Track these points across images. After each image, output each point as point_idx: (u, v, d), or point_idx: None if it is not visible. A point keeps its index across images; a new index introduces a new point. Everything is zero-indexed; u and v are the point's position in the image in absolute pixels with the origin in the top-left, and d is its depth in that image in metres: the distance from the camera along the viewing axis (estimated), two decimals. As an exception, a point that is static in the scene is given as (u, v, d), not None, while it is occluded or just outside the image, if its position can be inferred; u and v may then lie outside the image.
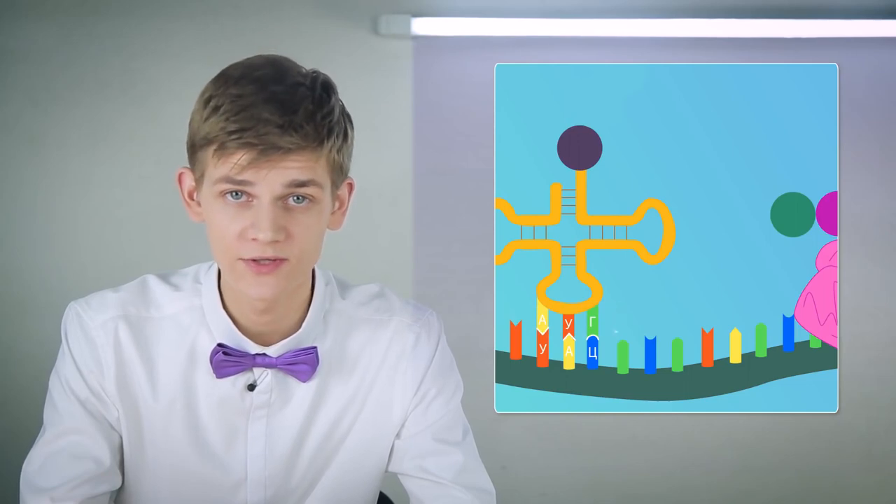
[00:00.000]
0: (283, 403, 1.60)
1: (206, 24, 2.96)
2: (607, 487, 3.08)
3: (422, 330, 1.66)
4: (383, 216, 2.99)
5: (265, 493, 1.62)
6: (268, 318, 1.57)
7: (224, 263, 1.52)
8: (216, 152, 1.47)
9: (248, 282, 1.50)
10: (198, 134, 1.49)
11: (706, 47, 2.95)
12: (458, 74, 2.98)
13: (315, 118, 1.47)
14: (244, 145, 1.45)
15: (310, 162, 1.48)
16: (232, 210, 1.48)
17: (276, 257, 1.48)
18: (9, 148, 2.97)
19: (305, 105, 1.47)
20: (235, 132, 1.45)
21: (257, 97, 1.46)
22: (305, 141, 1.46)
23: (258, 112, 1.45)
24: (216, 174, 1.47)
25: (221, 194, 1.48)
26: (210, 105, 1.48)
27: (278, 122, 1.45)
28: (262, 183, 1.46)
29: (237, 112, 1.46)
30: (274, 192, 1.47)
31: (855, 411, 3.01)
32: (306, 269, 1.54)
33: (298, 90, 1.48)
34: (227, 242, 1.49)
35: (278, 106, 1.46)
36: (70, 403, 1.58)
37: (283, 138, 1.45)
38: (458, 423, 1.68)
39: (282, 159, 1.46)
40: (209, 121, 1.47)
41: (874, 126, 3.01)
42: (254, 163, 1.45)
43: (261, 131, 1.44)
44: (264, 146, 1.45)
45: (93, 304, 1.60)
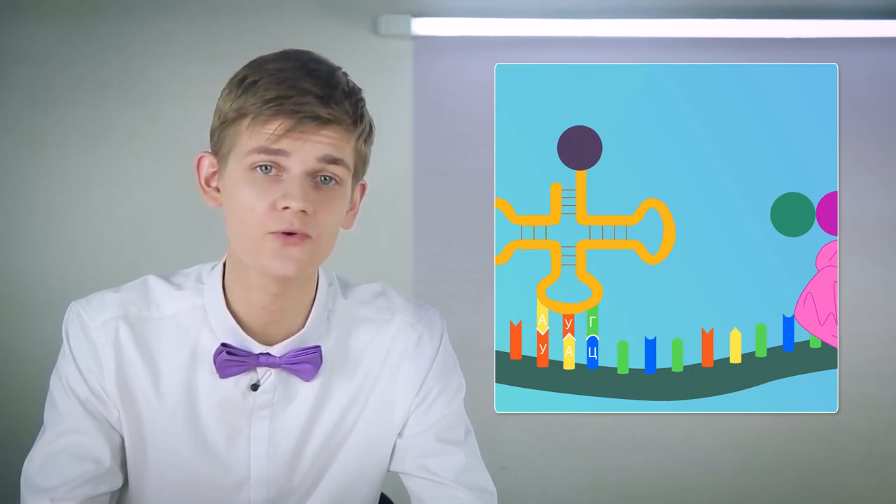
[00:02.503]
0: (287, 403, 1.60)
1: (206, 24, 2.96)
2: (607, 487, 3.08)
3: (424, 329, 1.66)
4: (383, 216, 2.99)
5: (268, 493, 1.62)
6: (278, 307, 1.57)
7: (249, 240, 1.51)
8: (251, 123, 1.48)
9: (274, 256, 1.50)
10: (230, 110, 1.50)
11: (706, 47, 2.95)
12: (458, 74, 2.98)
13: (351, 97, 1.51)
14: (282, 112, 1.47)
15: (342, 140, 1.50)
16: (261, 184, 1.49)
17: (302, 231, 1.49)
18: (9, 148, 2.97)
19: (342, 86, 1.51)
20: (274, 100, 1.47)
21: (298, 72, 1.49)
22: (342, 116, 1.49)
23: (299, 82, 1.48)
24: (250, 145, 1.49)
25: (251, 167, 1.49)
26: (246, 82, 1.50)
27: (319, 92, 1.48)
28: (296, 154, 1.48)
29: (277, 83, 1.48)
30: (306, 165, 1.49)
31: (855, 411, 3.01)
32: (324, 255, 1.54)
33: (336, 72, 1.52)
34: (256, 216, 1.49)
35: (318, 80, 1.49)
36: (70, 403, 1.58)
37: (323, 109, 1.47)
38: (461, 422, 1.68)
39: (317, 131, 1.48)
40: (244, 96, 1.49)
41: (874, 126, 3.01)
42: (291, 132, 1.47)
43: (301, 100, 1.47)
44: (303, 114, 1.47)
45: (93, 305, 1.60)
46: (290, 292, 1.56)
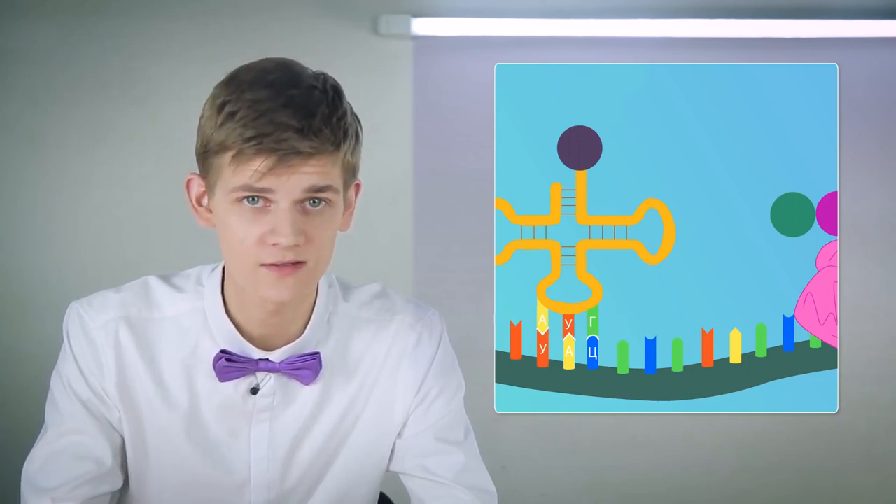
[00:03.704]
0: (286, 406, 1.60)
1: (206, 24, 2.96)
2: (607, 487, 3.08)
3: (424, 329, 1.66)
4: (383, 216, 2.99)
5: (268, 495, 1.62)
6: (276, 321, 1.57)
7: (242, 269, 1.50)
8: (234, 159, 1.45)
9: (269, 285, 1.49)
10: (211, 140, 1.47)
11: (706, 47, 2.95)
12: (458, 74, 2.98)
13: (331, 121, 1.46)
14: (263, 151, 1.43)
15: (327, 167, 1.46)
16: (249, 215, 1.47)
17: (296, 260, 1.47)
18: (9, 148, 2.96)
19: (322, 109, 1.45)
20: (254, 138, 1.43)
21: (275, 102, 1.44)
22: (324, 145, 1.45)
23: (276, 116, 1.43)
24: (234, 182, 1.46)
25: (238, 200, 1.47)
26: (225, 111, 1.46)
27: (297, 126, 1.43)
28: (281, 189, 1.45)
29: (255, 118, 1.43)
30: (293, 197, 1.46)
31: (855, 411, 3.01)
32: (323, 271, 1.53)
33: (314, 94, 1.46)
34: (246, 247, 1.47)
35: (296, 110, 1.44)
36: (71, 404, 1.58)
37: (303, 143, 1.44)
38: (460, 422, 1.68)
39: (301, 164, 1.45)
40: (224, 127, 1.45)
41: (874, 126, 3.01)
42: (273, 169, 1.44)
43: (280, 136, 1.43)
44: (284, 151, 1.43)
45: (94, 305, 1.60)
46: (288, 309, 1.56)
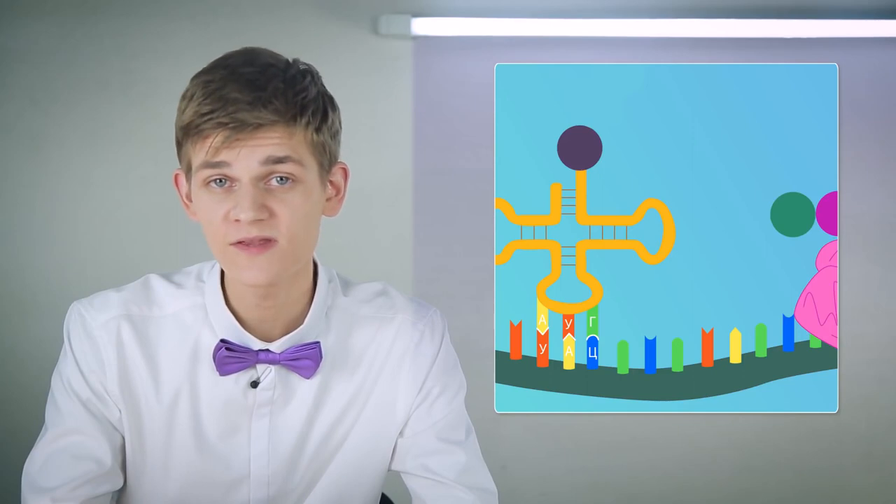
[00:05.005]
0: (287, 401, 1.61)
1: (206, 24, 2.96)
2: (607, 487, 3.08)
3: (425, 328, 1.66)
4: (383, 216, 2.99)
5: (268, 491, 1.62)
6: (269, 304, 1.57)
7: (217, 252, 1.53)
8: (193, 139, 1.49)
9: (242, 266, 1.51)
10: (177, 128, 1.52)
11: (706, 47, 2.95)
12: (458, 74, 2.98)
13: (286, 94, 1.49)
14: (216, 126, 1.47)
15: (284, 138, 1.49)
16: (217, 196, 1.50)
17: (262, 237, 1.49)
18: (9, 148, 2.96)
19: (275, 83, 1.49)
20: (206, 114, 1.47)
21: (227, 80, 1.48)
22: (276, 115, 1.48)
23: (227, 92, 1.47)
24: (196, 161, 1.50)
25: (206, 183, 1.50)
26: (186, 97, 1.51)
27: (247, 98, 1.47)
28: (238, 163, 1.48)
29: (206, 96, 1.48)
30: (251, 172, 1.48)
31: (855, 411, 3.01)
32: (300, 252, 1.54)
33: (268, 70, 1.50)
34: (215, 228, 1.50)
35: (245, 84, 1.48)
36: (72, 403, 1.59)
37: (253, 113, 1.47)
38: (462, 422, 1.68)
39: (253, 135, 1.47)
40: (185, 112, 1.50)
41: (874, 126, 3.01)
42: (227, 142, 1.47)
43: (229, 109, 1.47)
44: (235, 123, 1.46)
45: (95, 304, 1.60)
46: (279, 291, 1.57)
